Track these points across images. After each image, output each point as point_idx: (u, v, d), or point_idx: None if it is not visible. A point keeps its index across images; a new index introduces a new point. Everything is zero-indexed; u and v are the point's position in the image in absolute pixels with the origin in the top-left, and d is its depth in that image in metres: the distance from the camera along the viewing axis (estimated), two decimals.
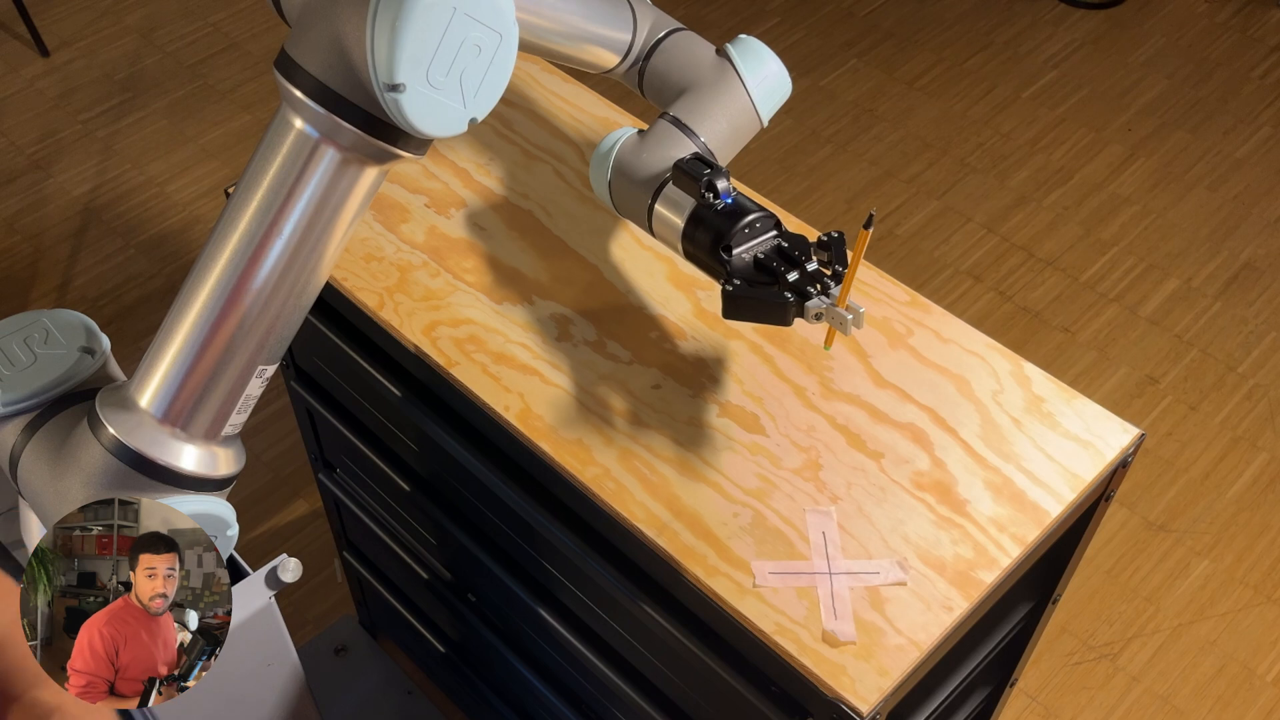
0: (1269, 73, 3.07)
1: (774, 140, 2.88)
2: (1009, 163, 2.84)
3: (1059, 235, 2.67)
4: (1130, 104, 2.98)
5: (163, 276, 2.59)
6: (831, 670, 0.96)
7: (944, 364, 1.18)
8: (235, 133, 2.87)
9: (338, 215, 0.92)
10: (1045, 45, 3.15)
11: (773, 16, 3.24)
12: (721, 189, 1.01)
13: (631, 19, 1.12)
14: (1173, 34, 3.18)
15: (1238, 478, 2.26)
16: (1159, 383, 2.40)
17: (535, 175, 1.37)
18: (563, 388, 1.16)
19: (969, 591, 1.01)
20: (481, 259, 1.28)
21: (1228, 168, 2.82)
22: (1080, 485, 1.09)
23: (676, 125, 1.08)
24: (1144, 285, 2.58)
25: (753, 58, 1.11)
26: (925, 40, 3.17)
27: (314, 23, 0.86)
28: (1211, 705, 1.97)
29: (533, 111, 1.45)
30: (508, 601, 1.41)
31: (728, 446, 1.11)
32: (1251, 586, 2.11)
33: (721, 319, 1.08)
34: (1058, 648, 2.03)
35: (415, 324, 1.22)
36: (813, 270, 0.98)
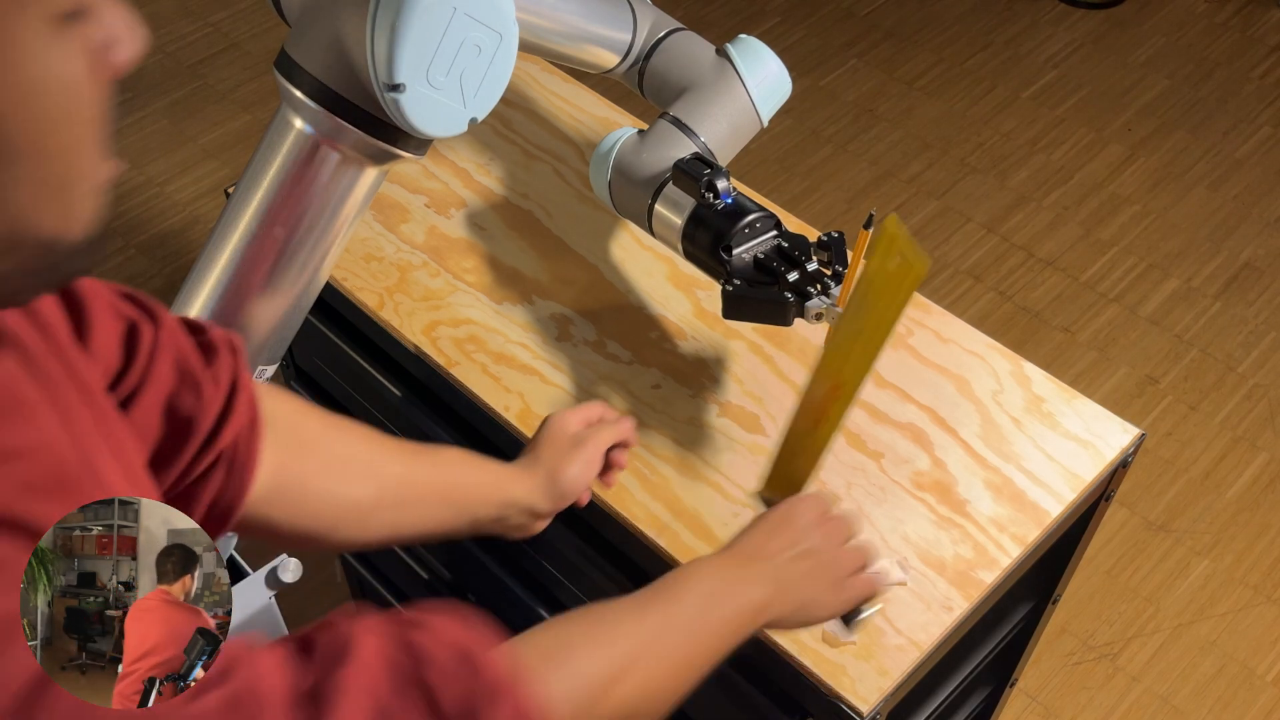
0: (1269, 73, 3.06)
1: (774, 140, 2.88)
2: (1009, 163, 2.84)
3: (1059, 235, 2.67)
4: (1130, 104, 2.98)
5: (162, 276, 2.59)
6: (831, 670, 0.96)
7: (944, 364, 1.18)
8: (235, 133, 2.87)
9: (337, 215, 0.92)
10: (1045, 45, 3.15)
11: (773, 16, 3.24)
12: (721, 189, 1.01)
13: (631, 19, 1.12)
14: (1173, 34, 3.18)
15: (1238, 478, 2.26)
16: (1159, 383, 2.40)
17: (535, 175, 1.37)
18: (563, 388, 1.16)
19: (969, 591, 1.01)
20: (481, 259, 1.28)
21: (1228, 167, 2.82)
22: (1080, 485, 1.09)
23: (676, 125, 1.08)
24: (1144, 285, 2.58)
25: (753, 58, 1.11)
26: (925, 40, 3.17)
27: (314, 23, 0.86)
28: (1211, 705, 1.97)
29: (533, 111, 1.45)
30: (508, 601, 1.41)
31: (728, 446, 1.11)
32: (1251, 586, 2.11)
33: (721, 319, 1.08)
34: (1058, 648, 2.03)
35: (415, 324, 1.22)
36: (813, 270, 0.98)
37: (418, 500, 0.91)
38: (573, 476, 0.96)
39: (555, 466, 0.96)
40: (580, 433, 0.98)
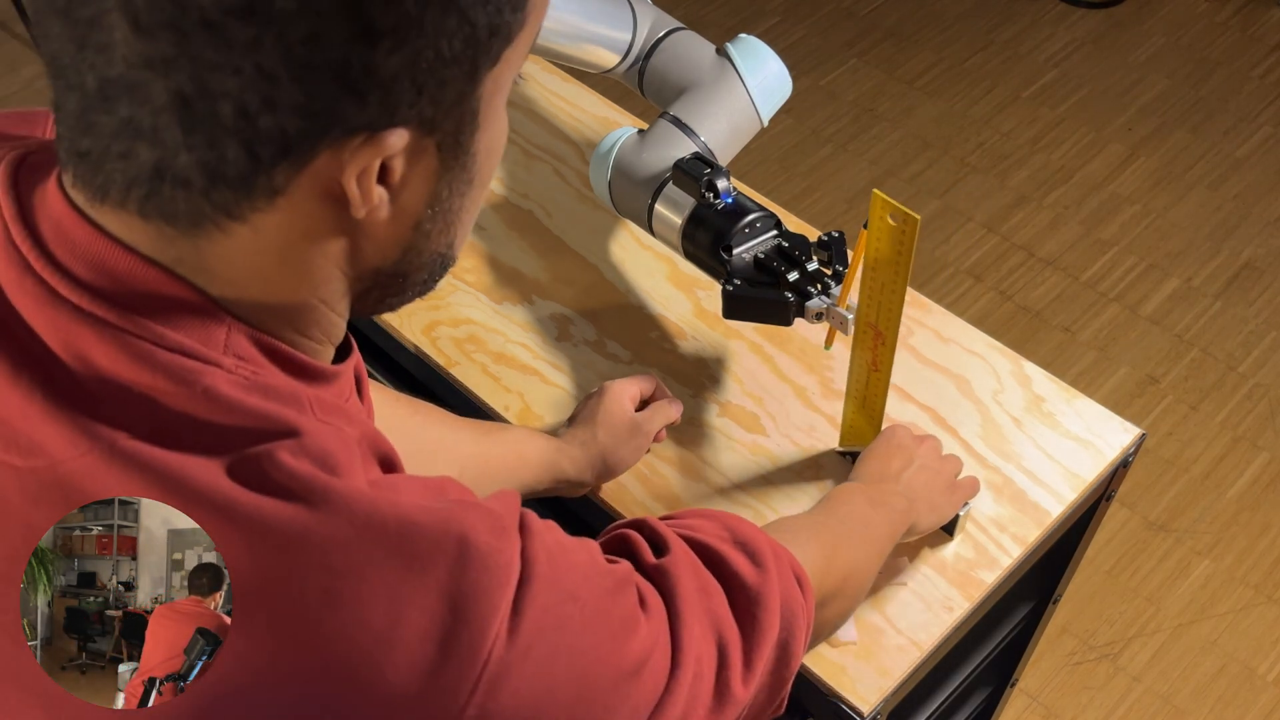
0: (1269, 72, 3.06)
1: (774, 140, 2.88)
2: (1009, 162, 2.84)
3: (1059, 235, 2.67)
4: (1130, 103, 2.98)
5: None
6: (832, 670, 0.96)
7: (944, 364, 1.18)
8: None
9: None
10: (1045, 44, 3.15)
11: (773, 16, 3.24)
12: (722, 188, 1.01)
13: (631, 18, 1.12)
14: (1173, 33, 3.18)
15: (1238, 477, 2.26)
16: (1159, 382, 2.40)
17: (535, 175, 1.37)
18: (563, 388, 1.16)
19: (970, 591, 1.01)
20: (481, 259, 1.28)
21: (1228, 167, 2.82)
22: (1081, 485, 1.09)
23: (676, 125, 1.07)
24: (1144, 285, 2.58)
25: (753, 57, 1.10)
26: (925, 39, 3.17)
27: None
28: (1212, 705, 1.96)
29: (533, 111, 1.45)
30: None
31: (728, 446, 1.11)
32: (1252, 586, 2.11)
33: (721, 319, 1.08)
34: (1058, 648, 2.03)
35: (415, 324, 1.22)
36: (813, 270, 0.98)
37: (490, 477, 0.98)
38: (623, 459, 1.05)
39: (610, 449, 1.04)
40: (636, 417, 1.06)
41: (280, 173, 0.51)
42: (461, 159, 0.57)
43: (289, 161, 0.50)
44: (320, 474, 0.52)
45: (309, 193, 0.52)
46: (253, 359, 0.55)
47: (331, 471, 0.53)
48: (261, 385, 0.54)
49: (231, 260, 0.54)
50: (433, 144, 0.54)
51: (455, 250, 0.62)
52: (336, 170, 0.51)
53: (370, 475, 0.55)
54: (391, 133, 0.51)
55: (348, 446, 0.55)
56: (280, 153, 0.50)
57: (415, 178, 0.55)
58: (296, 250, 0.54)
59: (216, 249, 0.53)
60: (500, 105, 0.58)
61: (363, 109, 0.50)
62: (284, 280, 0.56)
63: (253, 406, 0.53)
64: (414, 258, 0.59)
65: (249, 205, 0.52)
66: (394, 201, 0.55)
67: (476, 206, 0.61)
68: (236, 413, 0.53)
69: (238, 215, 0.52)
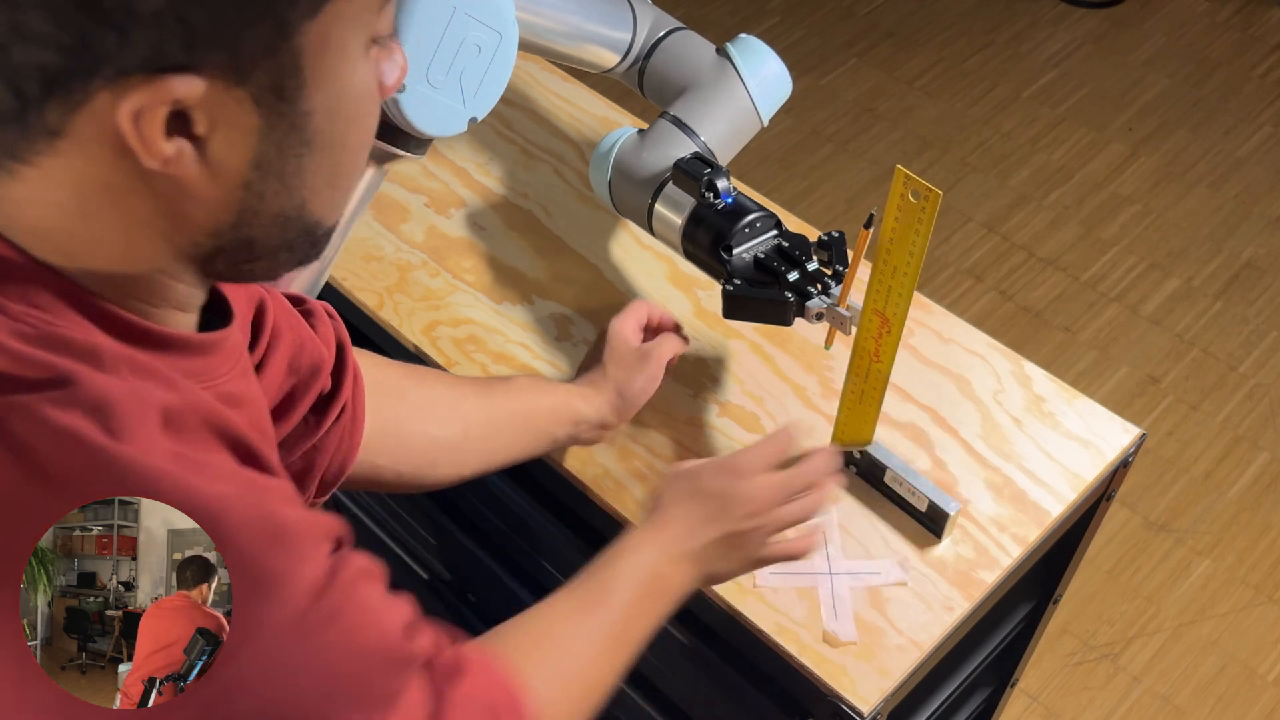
0: (1269, 72, 3.06)
1: (774, 140, 2.88)
2: (1009, 162, 2.84)
3: (1059, 235, 2.67)
4: (1131, 103, 2.98)
5: None
6: (832, 670, 0.96)
7: (944, 364, 1.18)
8: None
9: None
10: (1046, 44, 3.15)
11: (773, 16, 3.24)
12: (722, 188, 1.01)
13: (631, 18, 1.12)
14: (1173, 33, 3.18)
15: (1239, 477, 2.25)
16: (1160, 382, 2.40)
17: (535, 175, 1.37)
18: None
19: (970, 591, 1.01)
20: (481, 259, 1.28)
21: (1228, 167, 2.82)
22: (1081, 485, 1.09)
23: (676, 125, 1.07)
24: (1145, 285, 2.58)
25: (753, 57, 1.10)
26: (925, 39, 3.17)
27: None
28: (1213, 705, 1.96)
29: (533, 111, 1.45)
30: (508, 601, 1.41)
31: (728, 446, 1.11)
32: (1253, 586, 2.10)
33: (721, 319, 1.08)
34: (1058, 648, 2.03)
35: (415, 324, 1.22)
36: (813, 270, 0.98)
37: (501, 431, 0.98)
38: (639, 390, 1.04)
39: (623, 382, 1.03)
40: (643, 347, 1.05)
41: (52, 111, 0.49)
42: (290, 117, 0.53)
43: (58, 100, 0.49)
44: (95, 432, 0.50)
45: (93, 137, 0.50)
46: (54, 311, 0.53)
47: (109, 427, 0.51)
48: (47, 335, 0.53)
49: (26, 207, 0.53)
50: (246, 96, 0.52)
51: (313, 214, 0.58)
52: (115, 113, 0.50)
53: (177, 447, 0.53)
54: (175, 77, 0.49)
55: (142, 406, 0.52)
56: (45, 89, 0.49)
57: (228, 132, 0.52)
58: (97, 203, 0.53)
59: (8, 192, 0.52)
60: (344, 64, 0.54)
61: (128, 47, 0.48)
62: (97, 237, 0.54)
63: (24, 353, 0.51)
64: (252, 219, 0.56)
65: (28, 146, 0.51)
66: (204, 157, 0.52)
67: (336, 171, 0.58)
68: (4, 357, 0.51)
69: (20, 156, 0.51)
